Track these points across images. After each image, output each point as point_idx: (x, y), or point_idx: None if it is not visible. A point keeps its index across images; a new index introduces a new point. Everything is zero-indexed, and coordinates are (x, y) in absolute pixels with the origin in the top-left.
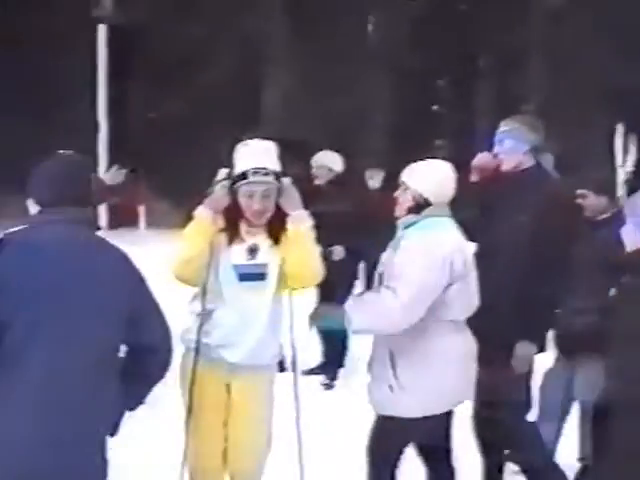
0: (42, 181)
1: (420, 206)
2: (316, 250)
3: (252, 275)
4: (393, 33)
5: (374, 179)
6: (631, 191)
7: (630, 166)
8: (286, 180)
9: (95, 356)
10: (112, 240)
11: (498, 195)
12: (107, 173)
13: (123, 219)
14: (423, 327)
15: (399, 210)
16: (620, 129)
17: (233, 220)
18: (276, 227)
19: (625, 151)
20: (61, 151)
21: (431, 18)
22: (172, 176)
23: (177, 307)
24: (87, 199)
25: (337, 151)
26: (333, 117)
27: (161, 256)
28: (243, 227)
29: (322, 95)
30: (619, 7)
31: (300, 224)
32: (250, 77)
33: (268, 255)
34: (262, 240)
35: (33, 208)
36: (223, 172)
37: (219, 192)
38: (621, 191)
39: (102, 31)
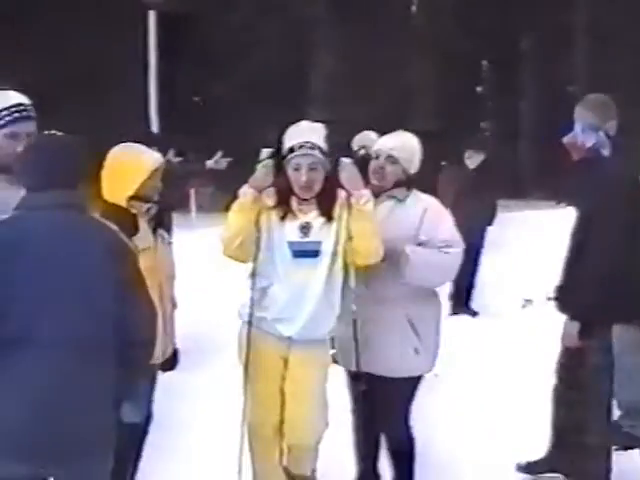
0: (27, 164)
1: (410, 180)
2: (377, 228)
3: (306, 252)
4: (437, 14)
5: (472, 159)
6: None
7: None
8: (346, 160)
9: (86, 341)
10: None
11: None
12: (211, 160)
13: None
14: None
15: (385, 181)
16: None
17: (284, 196)
18: (327, 204)
19: None
20: (48, 132)
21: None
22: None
23: (232, 284)
24: (76, 180)
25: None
26: (378, 100)
27: (211, 239)
28: (294, 204)
29: (367, 78)
30: None
31: (363, 202)
32: (295, 61)
33: (321, 232)
34: (314, 217)
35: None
36: (265, 152)
37: (261, 171)
38: None
39: (152, 17)
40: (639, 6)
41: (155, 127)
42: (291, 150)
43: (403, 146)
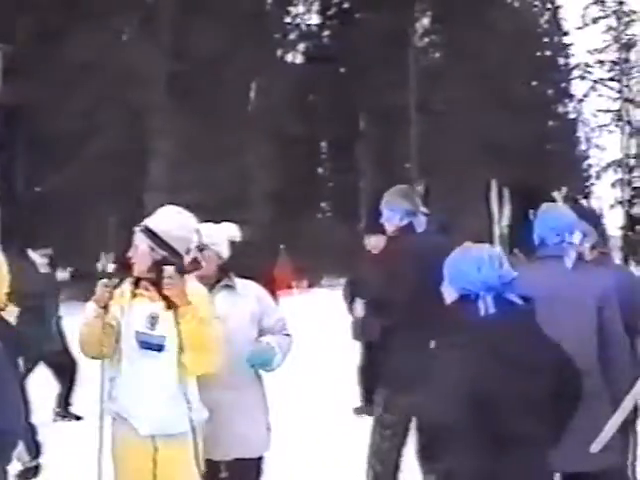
0: None
1: (225, 268)
2: (211, 337)
3: (151, 345)
4: (275, 99)
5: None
6: (509, 245)
7: (505, 221)
8: (168, 269)
9: None
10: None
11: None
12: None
13: None
14: None
15: (205, 270)
16: (494, 184)
17: (134, 280)
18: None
19: (500, 206)
20: None
21: (312, 82)
22: (60, 250)
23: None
24: None
25: (222, 221)
26: (217, 185)
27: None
28: (144, 284)
29: (206, 163)
30: (493, 65)
31: (187, 320)
32: (134, 148)
33: (167, 325)
34: (161, 307)
35: None
36: (104, 257)
37: (99, 289)
38: (497, 246)
39: None
40: (468, 85)
41: None
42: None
43: (211, 233)
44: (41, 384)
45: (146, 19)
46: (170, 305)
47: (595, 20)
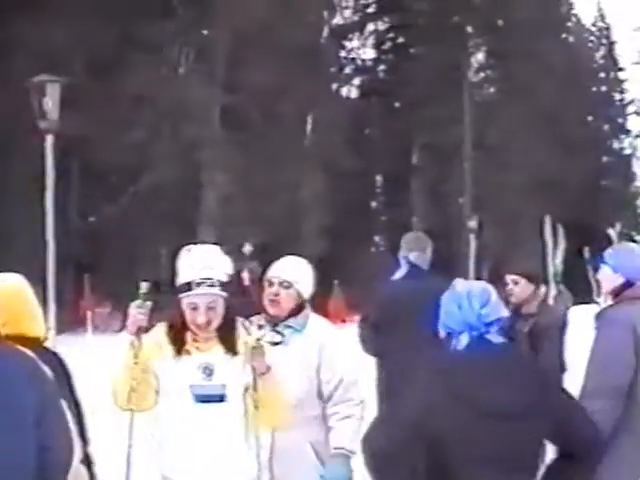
0: None
1: (300, 307)
2: (282, 394)
3: (210, 397)
4: (330, 133)
5: None
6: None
7: (559, 257)
8: (251, 340)
9: (4, 472)
10: (60, 346)
11: None
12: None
13: (71, 324)
14: None
15: (279, 310)
16: (548, 220)
17: (179, 332)
18: (230, 337)
19: (554, 242)
20: None
21: (367, 116)
22: (114, 280)
23: None
24: None
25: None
26: (271, 220)
27: (106, 361)
28: (189, 338)
29: (260, 197)
30: (547, 100)
31: (269, 388)
32: (188, 181)
33: (226, 373)
34: (215, 355)
35: None
36: (144, 285)
37: (132, 311)
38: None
39: (49, 141)
40: (522, 120)
41: (51, 250)
42: (188, 287)
43: (297, 270)
44: None
45: (201, 52)
46: (230, 347)
47: None
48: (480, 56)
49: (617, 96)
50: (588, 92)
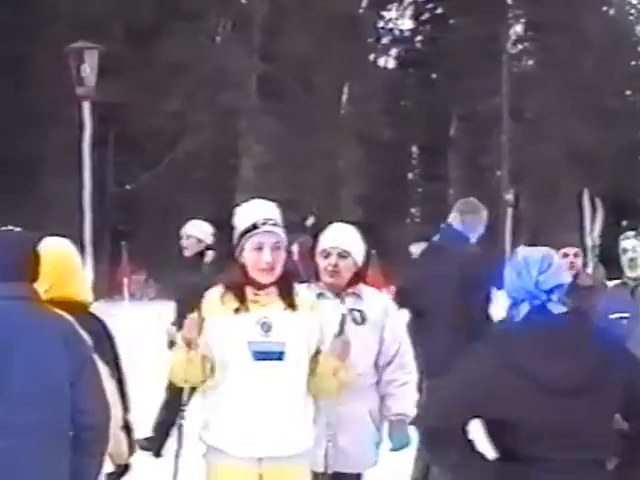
0: None
1: (357, 275)
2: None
3: (268, 354)
4: (367, 103)
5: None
6: (600, 259)
7: (597, 231)
8: (335, 339)
9: (41, 436)
10: (97, 313)
11: None
12: None
13: (107, 291)
14: None
15: (340, 279)
16: (586, 193)
17: (239, 286)
18: (289, 291)
19: (593, 217)
20: (2, 227)
21: (404, 87)
22: (150, 248)
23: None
24: (28, 274)
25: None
26: (308, 187)
27: (143, 327)
28: (249, 294)
29: (297, 165)
30: (586, 73)
31: (338, 373)
32: (225, 150)
33: (285, 329)
34: (275, 310)
35: None
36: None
37: (188, 324)
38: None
39: (86, 107)
40: (561, 93)
41: (88, 218)
42: (253, 227)
43: (352, 239)
44: None
45: (238, 21)
46: (290, 304)
47: None
48: (519, 28)
49: None
50: (627, 65)
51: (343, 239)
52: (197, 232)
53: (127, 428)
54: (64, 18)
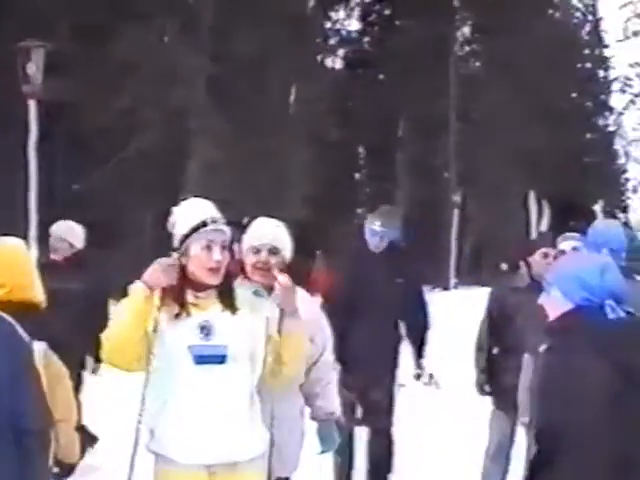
0: None
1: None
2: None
3: (210, 358)
4: (314, 103)
5: None
6: None
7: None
8: (282, 278)
9: None
10: None
11: None
12: None
13: None
14: None
15: (271, 279)
16: (532, 195)
17: (179, 288)
18: (229, 293)
19: (539, 216)
20: None
21: (352, 87)
22: (97, 248)
23: None
24: None
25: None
26: (254, 187)
27: None
28: (191, 297)
29: (244, 165)
30: (533, 75)
31: (293, 330)
32: (173, 148)
33: (227, 332)
34: (214, 313)
35: None
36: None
37: (159, 267)
38: None
39: (32, 106)
40: (508, 95)
41: (34, 217)
42: (202, 225)
43: (282, 236)
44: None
45: (187, 21)
46: (230, 306)
47: (636, 33)
48: (466, 30)
49: (601, 73)
50: (573, 68)
51: (273, 235)
52: (70, 236)
53: (81, 429)
54: (13, 16)
